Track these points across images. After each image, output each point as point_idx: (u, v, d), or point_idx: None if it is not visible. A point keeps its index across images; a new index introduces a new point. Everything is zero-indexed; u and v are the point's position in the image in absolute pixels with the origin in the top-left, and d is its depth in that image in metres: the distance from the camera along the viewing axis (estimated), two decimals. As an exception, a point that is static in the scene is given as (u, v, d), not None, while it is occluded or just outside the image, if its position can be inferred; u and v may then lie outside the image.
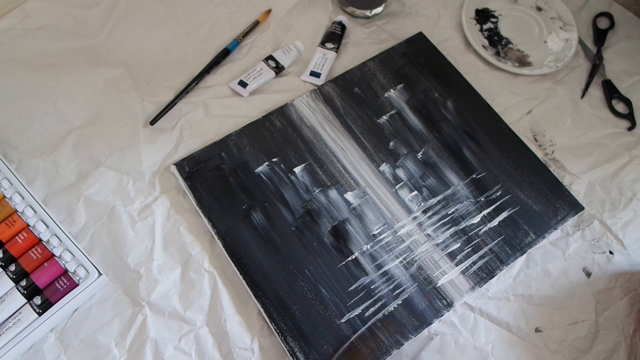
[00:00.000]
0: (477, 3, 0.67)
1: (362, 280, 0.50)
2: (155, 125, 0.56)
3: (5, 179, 0.50)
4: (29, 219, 0.48)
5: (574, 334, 0.50)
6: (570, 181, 0.57)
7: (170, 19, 0.63)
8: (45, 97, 0.57)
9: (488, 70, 0.63)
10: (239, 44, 0.62)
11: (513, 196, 0.55)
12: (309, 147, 0.55)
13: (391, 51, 0.62)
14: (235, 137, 0.55)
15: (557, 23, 0.66)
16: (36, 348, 0.46)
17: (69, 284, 0.46)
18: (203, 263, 0.50)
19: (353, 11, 0.65)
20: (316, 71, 0.60)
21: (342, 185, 0.54)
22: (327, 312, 0.48)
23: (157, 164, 0.54)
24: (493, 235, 0.52)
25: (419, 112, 0.59)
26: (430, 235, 0.52)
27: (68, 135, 0.55)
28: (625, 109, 0.62)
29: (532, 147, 0.58)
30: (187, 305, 0.48)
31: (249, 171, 0.54)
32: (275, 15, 0.64)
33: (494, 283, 0.51)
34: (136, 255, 0.50)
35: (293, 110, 0.57)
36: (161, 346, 0.47)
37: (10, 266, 0.46)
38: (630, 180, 0.58)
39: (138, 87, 0.58)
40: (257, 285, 0.48)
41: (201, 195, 0.52)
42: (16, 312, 0.45)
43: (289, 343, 0.46)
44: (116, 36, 0.61)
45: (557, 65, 0.63)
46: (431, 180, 0.55)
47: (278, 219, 0.52)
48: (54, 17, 0.61)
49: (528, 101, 0.62)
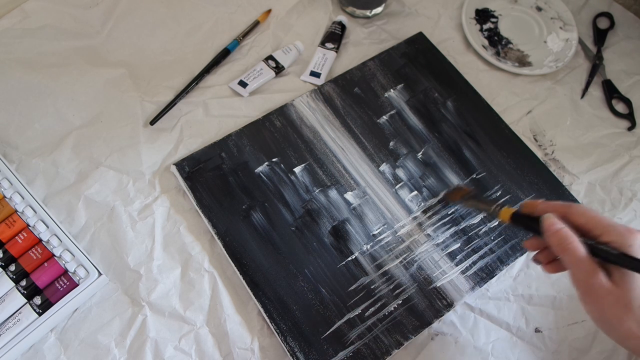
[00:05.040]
0: (477, 3, 0.67)
1: (362, 280, 0.50)
2: (155, 125, 0.56)
3: (5, 179, 0.50)
4: (29, 219, 0.48)
5: (574, 334, 0.50)
6: (570, 181, 0.57)
7: (170, 19, 0.63)
8: (45, 97, 0.57)
9: (488, 70, 0.63)
10: (239, 44, 0.62)
11: (513, 196, 0.55)
12: (309, 147, 0.55)
13: (391, 51, 0.62)
14: (235, 137, 0.55)
15: (557, 23, 0.66)
16: (36, 348, 0.46)
17: (69, 284, 0.46)
18: (203, 263, 0.50)
19: (353, 11, 0.65)
20: (316, 71, 0.60)
21: (342, 185, 0.54)
22: (327, 312, 0.48)
23: (157, 164, 0.54)
24: (493, 235, 0.52)
25: (419, 112, 0.59)
26: (430, 235, 0.52)
27: (68, 135, 0.55)
28: (625, 109, 0.62)
29: (532, 147, 0.58)
30: (187, 305, 0.48)
31: (249, 171, 0.54)
32: (275, 15, 0.64)
33: (494, 283, 0.51)
34: (136, 255, 0.50)
35: (293, 110, 0.57)
36: (161, 346, 0.47)
37: (10, 266, 0.46)
38: (630, 180, 0.58)
39: (138, 87, 0.58)
40: (257, 285, 0.48)
41: (201, 195, 0.52)
42: (16, 312, 0.45)
43: (289, 343, 0.46)
44: (116, 36, 0.61)
45: (557, 65, 0.63)
46: (431, 180, 0.55)
47: (278, 219, 0.52)
48: (54, 17, 0.61)
49: (528, 101, 0.62)
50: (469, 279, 0.50)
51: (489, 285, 0.51)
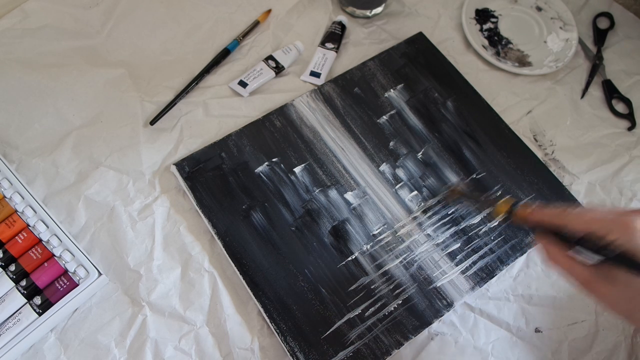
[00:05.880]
0: (477, 3, 0.67)
1: (362, 280, 0.50)
2: (155, 125, 0.56)
3: (5, 179, 0.50)
4: (29, 219, 0.48)
5: (574, 334, 0.50)
6: (570, 181, 0.57)
7: (170, 19, 0.63)
8: (45, 97, 0.57)
9: (488, 70, 0.63)
10: (239, 44, 0.62)
11: (513, 196, 0.55)
12: (309, 147, 0.55)
13: (391, 51, 0.62)
14: (235, 137, 0.55)
15: (557, 23, 0.66)
16: (36, 348, 0.46)
17: (69, 284, 0.46)
18: (203, 263, 0.50)
19: (353, 11, 0.65)
20: (316, 71, 0.60)
21: (342, 185, 0.54)
22: (327, 312, 0.48)
23: (157, 164, 0.54)
24: (493, 236, 0.52)
25: (419, 112, 0.59)
26: (430, 235, 0.52)
27: (68, 135, 0.55)
28: (625, 109, 0.62)
29: (532, 147, 0.58)
30: (187, 305, 0.48)
31: (249, 171, 0.54)
32: (275, 15, 0.64)
33: (494, 283, 0.51)
34: (136, 255, 0.50)
35: (293, 110, 0.57)
36: (161, 346, 0.47)
37: (10, 266, 0.46)
38: (630, 180, 0.58)
39: (138, 87, 0.58)
40: (257, 285, 0.48)
41: (201, 195, 0.52)
42: (16, 312, 0.45)
43: (289, 343, 0.46)
44: (116, 36, 0.61)
45: (557, 65, 0.63)
46: (431, 180, 0.55)
47: (278, 219, 0.52)
48: (54, 17, 0.61)
49: (528, 101, 0.62)
50: (469, 279, 0.50)
51: (489, 285, 0.51)
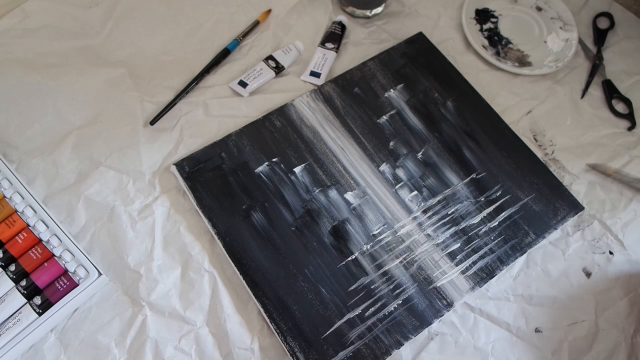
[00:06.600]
0: (477, 3, 0.67)
1: (362, 280, 0.50)
2: (155, 125, 0.56)
3: (5, 179, 0.50)
4: (29, 219, 0.48)
5: (574, 334, 0.50)
6: (570, 181, 0.57)
7: (170, 19, 0.63)
8: (45, 97, 0.57)
9: (488, 70, 0.63)
10: (239, 44, 0.62)
11: (513, 196, 0.55)
12: (309, 147, 0.55)
13: (391, 51, 0.62)
14: (235, 137, 0.55)
15: (557, 23, 0.66)
16: (36, 348, 0.46)
17: (69, 284, 0.46)
18: (203, 263, 0.50)
19: (353, 11, 0.65)
20: (316, 71, 0.60)
21: (342, 185, 0.54)
22: (327, 312, 0.48)
23: (157, 164, 0.54)
24: (493, 236, 0.52)
25: (419, 112, 0.59)
26: (430, 235, 0.52)
27: (68, 135, 0.55)
28: (625, 109, 0.62)
29: (532, 147, 0.58)
30: (187, 305, 0.48)
31: (249, 171, 0.54)
32: (275, 15, 0.64)
33: (494, 283, 0.51)
34: (136, 255, 0.50)
35: (293, 110, 0.57)
36: (161, 346, 0.47)
37: (10, 266, 0.46)
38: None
39: (138, 87, 0.58)
40: (257, 285, 0.48)
41: (201, 195, 0.52)
42: (16, 312, 0.45)
43: (289, 343, 0.46)
44: (116, 36, 0.61)
45: (557, 65, 0.63)
46: (431, 180, 0.55)
47: (278, 219, 0.52)
48: (54, 17, 0.61)
49: (528, 101, 0.62)
50: (469, 279, 0.50)
51: (489, 285, 0.51)
